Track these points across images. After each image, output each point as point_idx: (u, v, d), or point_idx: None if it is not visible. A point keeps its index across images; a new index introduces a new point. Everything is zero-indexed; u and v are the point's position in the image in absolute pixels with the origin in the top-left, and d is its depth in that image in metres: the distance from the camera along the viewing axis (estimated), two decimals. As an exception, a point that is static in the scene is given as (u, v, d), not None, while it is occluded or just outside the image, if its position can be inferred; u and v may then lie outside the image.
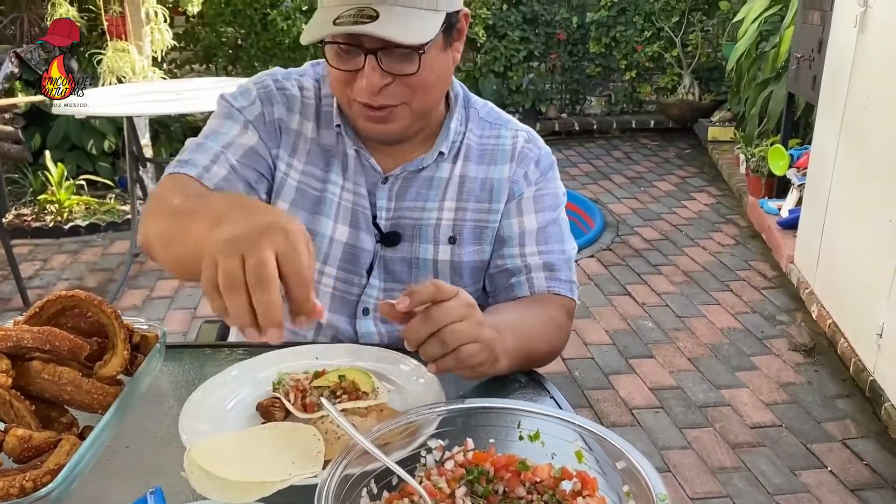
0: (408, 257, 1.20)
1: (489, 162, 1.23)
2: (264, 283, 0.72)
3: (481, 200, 1.21)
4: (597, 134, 6.69)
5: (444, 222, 1.20)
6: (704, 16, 6.46)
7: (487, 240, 1.22)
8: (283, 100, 1.20)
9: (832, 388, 2.80)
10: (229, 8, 5.61)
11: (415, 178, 1.20)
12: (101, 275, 3.84)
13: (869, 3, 2.84)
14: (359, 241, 1.20)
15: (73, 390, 0.89)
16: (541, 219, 1.22)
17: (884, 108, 2.71)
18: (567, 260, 1.22)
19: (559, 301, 1.19)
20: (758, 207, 4.34)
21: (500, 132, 1.25)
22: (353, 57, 1.04)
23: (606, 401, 2.76)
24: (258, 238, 0.74)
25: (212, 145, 1.15)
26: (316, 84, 1.23)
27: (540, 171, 1.24)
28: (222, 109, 1.21)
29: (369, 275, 1.21)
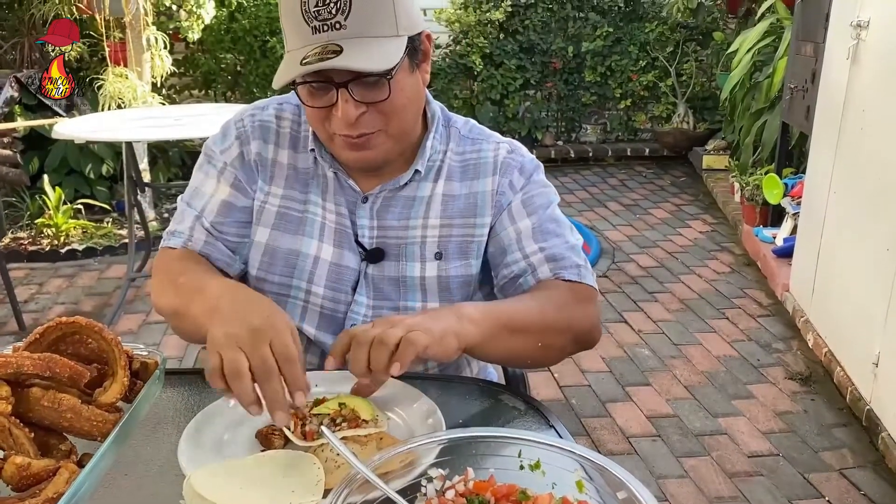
0: (395, 276, 1.22)
1: (472, 177, 1.25)
2: (269, 376, 0.87)
3: (466, 216, 1.23)
4: (592, 161, 6.74)
5: (430, 239, 1.22)
6: (699, 46, 6.54)
7: (473, 254, 1.24)
8: (260, 134, 1.25)
9: (829, 417, 2.80)
10: (229, 35, 5.67)
11: (395, 196, 1.23)
12: (98, 299, 3.83)
13: (861, 36, 2.88)
14: (343, 260, 1.22)
15: (73, 417, 0.89)
16: (534, 219, 1.23)
17: (877, 138, 2.74)
18: (571, 248, 1.23)
19: (565, 285, 1.18)
20: (753, 236, 4.37)
21: (482, 146, 1.27)
22: (325, 93, 1.08)
23: (603, 429, 2.75)
24: (256, 337, 0.89)
25: (190, 212, 1.25)
26: (296, 110, 1.27)
27: (525, 177, 1.25)
28: (203, 158, 1.28)
29: (355, 292, 1.23)
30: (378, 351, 0.91)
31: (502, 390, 1.11)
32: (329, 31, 1.03)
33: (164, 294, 1.18)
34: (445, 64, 6.37)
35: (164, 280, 1.20)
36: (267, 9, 5.67)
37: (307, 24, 1.03)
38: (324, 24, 1.02)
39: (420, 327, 0.93)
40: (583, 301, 1.18)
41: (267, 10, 5.67)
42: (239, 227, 1.25)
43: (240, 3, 5.60)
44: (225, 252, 1.24)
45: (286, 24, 1.08)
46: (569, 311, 1.15)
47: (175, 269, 1.19)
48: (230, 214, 1.24)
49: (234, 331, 0.90)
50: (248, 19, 5.63)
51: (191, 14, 4.78)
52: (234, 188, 1.25)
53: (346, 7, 1.02)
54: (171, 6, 4.73)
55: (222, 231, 1.24)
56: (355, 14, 1.02)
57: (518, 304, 1.14)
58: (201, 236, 1.23)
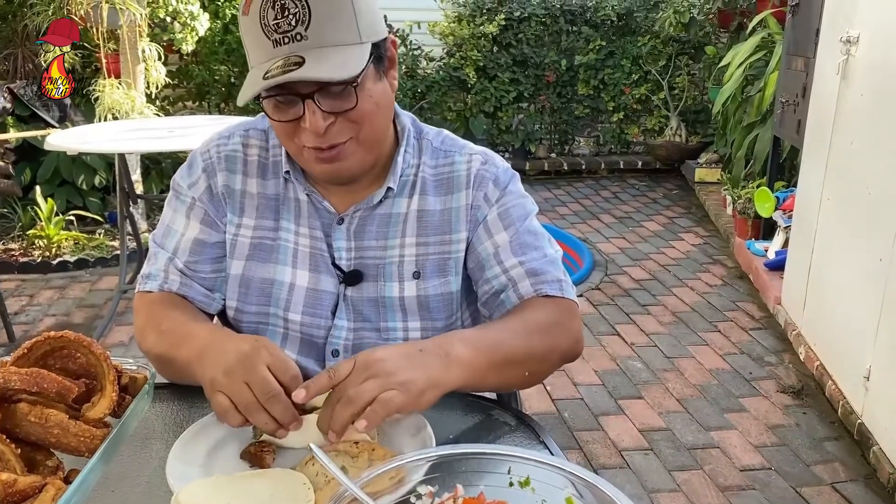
0: (374, 297, 1.20)
1: (446, 192, 1.22)
2: (274, 396, 0.90)
3: (441, 232, 1.21)
4: (585, 174, 6.76)
5: (407, 258, 1.20)
6: (691, 60, 6.58)
7: (451, 271, 1.21)
8: (226, 165, 1.23)
9: (821, 431, 2.80)
10: (223, 47, 5.67)
11: (371, 216, 1.20)
12: (89, 311, 3.82)
13: (851, 52, 2.91)
14: (320, 284, 1.20)
15: (60, 433, 0.88)
16: (511, 232, 1.20)
17: (867, 153, 2.76)
18: (551, 261, 1.20)
19: (548, 301, 1.17)
20: (745, 248, 4.38)
21: (455, 159, 1.24)
22: (291, 106, 1.05)
23: (595, 442, 2.74)
24: (250, 362, 0.92)
25: (163, 253, 1.24)
26: (262, 135, 1.25)
27: (500, 189, 1.22)
28: (172, 197, 1.26)
29: (335, 315, 1.21)
30: (343, 409, 0.89)
31: (493, 405, 1.11)
32: (290, 42, 1.00)
33: (146, 340, 1.17)
34: (439, 76, 6.39)
35: (147, 326, 1.18)
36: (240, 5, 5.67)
37: (268, 37, 1.01)
38: (284, 37, 1.00)
39: (399, 381, 0.91)
40: (566, 318, 1.17)
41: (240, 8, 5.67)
42: (213, 263, 1.23)
43: (234, 15, 5.61)
44: (201, 291, 1.23)
45: (248, 41, 1.06)
46: (555, 334, 1.13)
47: (156, 315, 1.18)
48: (203, 252, 1.23)
49: (230, 364, 0.93)
50: (242, 31, 5.65)
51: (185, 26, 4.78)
52: (205, 224, 1.23)
53: (306, 17, 1.00)
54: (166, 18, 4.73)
55: (196, 270, 1.22)
56: (315, 24, 1.00)
57: (506, 334, 1.09)
58: (176, 278, 1.22)
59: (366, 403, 0.88)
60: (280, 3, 1.00)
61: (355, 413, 0.88)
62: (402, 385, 0.91)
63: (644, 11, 6.58)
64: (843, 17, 3.05)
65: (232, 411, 0.91)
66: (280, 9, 1.00)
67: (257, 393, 0.90)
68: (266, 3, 1.01)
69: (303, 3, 1.00)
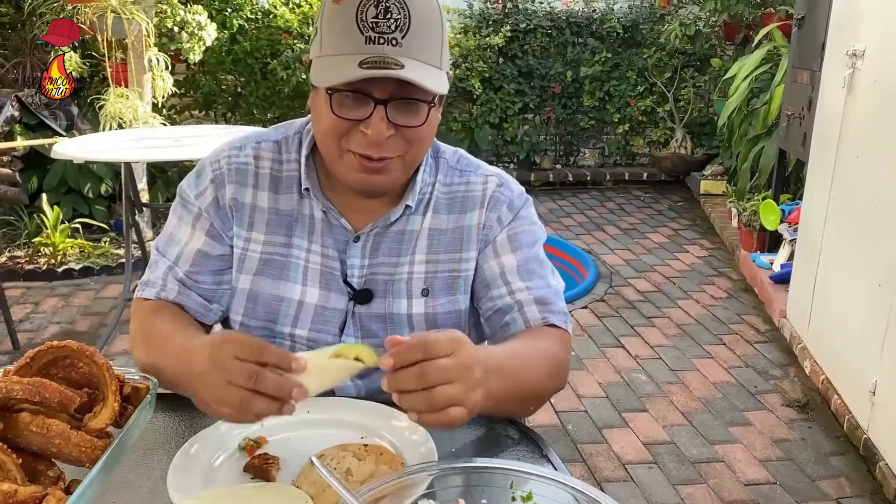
0: (382, 313, 1.19)
1: (459, 210, 1.22)
2: (258, 375, 0.85)
3: (452, 250, 1.21)
4: (590, 185, 6.76)
5: (416, 276, 1.20)
6: (696, 72, 6.59)
7: (461, 289, 1.22)
8: (236, 177, 1.21)
9: (826, 446, 2.79)
10: (230, 57, 5.70)
11: (385, 233, 1.20)
12: (93, 319, 3.82)
13: (857, 65, 2.90)
14: (329, 302, 1.19)
15: (62, 443, 0.88)
16: (519, 256, 1.21)
17: (872, 167, 2.75)
18: (556, 293, 1.22)
19: (555, 333, 1.17)
20: (750, 261, 4.37)
21: (470, 178, 1.24)
22: (359, 107, 1.04)
23: (599, 455, 2.73)
24: (217, 364, 0.88)
25: (164, 261, 1.22)
26: (275, 147, 1.23)
27: (513, 212, 1.23)
28: (178, 205, 1.24)
29: (342, 332, 1.20)
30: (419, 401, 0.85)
31: (496, 419, 1.10)
32: (385, 44, 1.01)
33: (136, 348, 1.17)
34: (445, 87, 6.39)
35: (138, 336, 1.18)
36: (268, 31, 5.71)
37: (361, 32, 1.01)
38: (380, 37, 1.01)
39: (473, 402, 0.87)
40: (566, 351, 1.19)
41: (268, 33, 5.71)
42: (215, 275, 1.22)
43: (241, 25, 5.65)
44: (199, 301, 1.21)
45: (330, 27, 1.05)
46: (562, 373, 1.15)
47: (147, 324, 1.18)
48: (205, 264, 1.21)
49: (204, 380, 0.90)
50: (249, 41, 5.67)
51: (193, 36, 4.81)
52: (210, 236, 1.21)
53: (405, 26, 1.02)
54: (174, 28, 4.76)
55: (197, 281, 1.21)
56: (412, 36, 1.02)
57: (530, 371, 1.07)
58: (174, 287, 1.21)
59: (444, 407, 0.85)
60: (385, 4, 1.01)
61: (430, 411, 0.85)
62: (473, 407, 0.88)
63: (650, 24, 6.59)
64: (849, 31, 3.05)
65: (240, 414, 0.88)
66: (383, 10, 1.01)
67: (242, 384, 0.86)
68: (369, 0, 1.02)
69: (405, 13, 1.02)
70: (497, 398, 0.96)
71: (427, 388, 0.84)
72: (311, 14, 5.78)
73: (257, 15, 5.71)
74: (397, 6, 1.01)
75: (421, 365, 0.85)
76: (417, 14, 1.02)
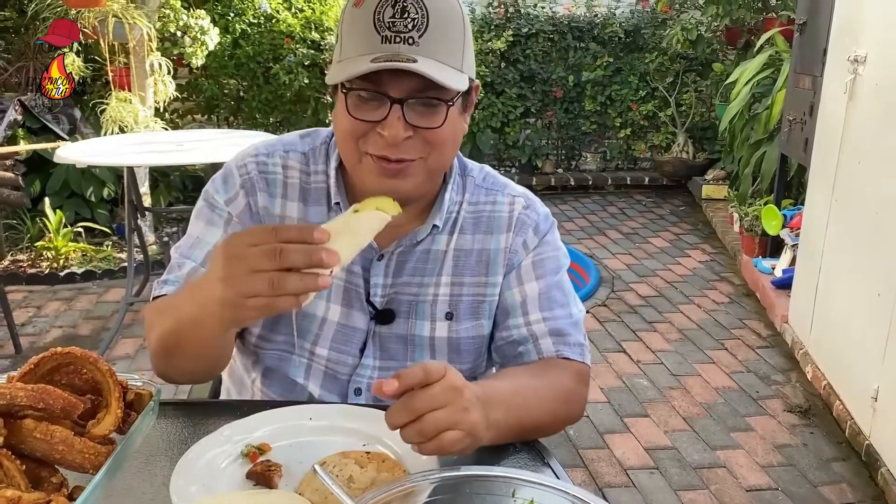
0: (403, 334, 1.17)
1: (485, 231, 1.20)
2: (282, 251, 0.80)
3: (477, 274, 1.19)
4: (592, 189, 6.76)
5: (441, 298, 1.18)
6: (698, 77, 6.59)
7: (485, 314, 1.20)
8: (265, 185, 1.17)
9: (828, 451, 2.78)
10: (233, 61, 5.71)
11: (411, 252, 1.17)
12: (95, 323, 3.83)
13: (858, 71, 2.91)
14: (350, 320, 1.17)
15: (65, 449, 0.88)
16: (542, 284, 1.19)
17: (875, 173, 2.75)
18: (574, 324, 1.19)
19: (568, 366, 1.16)
20: (752, 266, 4.37)
21: (497, 198, 1.22)
22: (375, 107, 1.02)
23: (601, 460, 2.73)
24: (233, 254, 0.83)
25: (189, 263, 1.15)
26: (303, 158, 1.19)
27: (539, 237, 1.21)
28: (205, 209, 1.18)
29: (362, 353, 1.18)
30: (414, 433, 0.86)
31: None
32: (401, 43, 0.99)
33: (152, 333, 1.10)
34: (447, 91, 6.40)
35: (153, 325, 1.11)
36: (270, 36, 5.72)
37: (378, 32, 1.00)
38: (396, 36, 0.99)
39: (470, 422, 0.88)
40: (582, 385, 1.17)
41: (270, 38, 5.72)
42: None
43: (244, 30, 5.66)
44: None
45: (351, 31, 1.03)
46: (572, 403, 1.14)
47: (158, 307, 1.12)
48: None
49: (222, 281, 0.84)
50: (251, 46, 5.68)
51: (195, 40, 4.81)
52: None
53: (423, 26, 1.00)
54: (176, 32, 4.77)
55: None
56: (430, 34, 1.00)
57: (534, 402, 1.06)
58: None
59: (436, 434, 0.86)
60: (402, 4, 1.00)
61: (423, 441, 0.86)
62: (471, 429, 0.89)
63: (651, 28, 6.60)
64: (851, 37, 3.06)
65: (276, 299, 0.82)
66: (400, 10, 1.00)
67: (268, 266, 0.80)
68: (386, 1, 1.00)
69: (423, 12, 1.00)
70: (501, 430, 0.97)
71: (417, 419, 0.85)
72: (314, 19, 5.79)
73: (260, 19, 5.72)
74: (415, 6, 1.00)
75: (408, 395, 0.86)
76: (436, 14, 1.01)
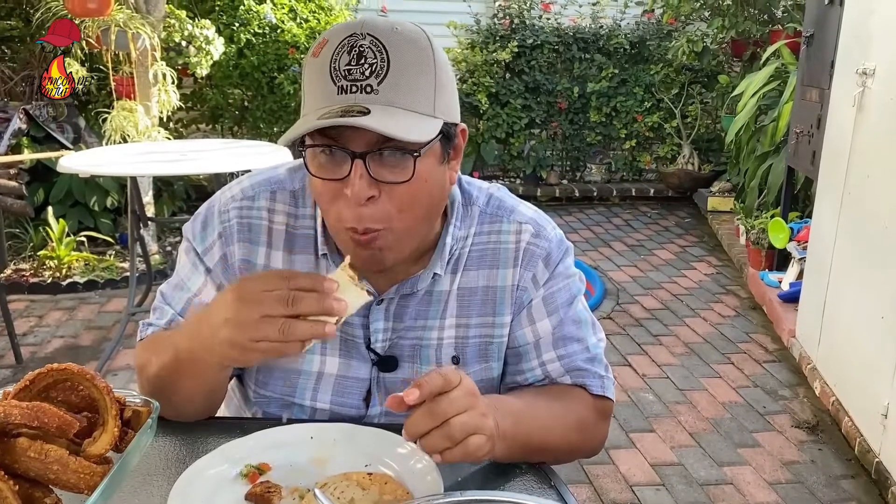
0: (409, 379, 1.09)
1: (490, 265, 1.11)
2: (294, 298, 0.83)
3: (484, 314, 1.11)
4: (597, 200, 6.74)
5: (446, 341, 1.11)
6: (704, 88, 6.58)
7: (494, 356, 1.13)
8: (248, 234, 1.10)
9: (837, 468, 2.74)
10: (237, 71, 5.72)
11: (413, 295, 1.10)
12: (97, 333, 3.80)
13: (867, 84, 2.89)
14: (351, 371, 1.11)
15: (60, 469, 0.86)
16: (555, 321, 1.12)
17: (884, 187, 2.73)
18: (591, 358, 1.13)
19: (588, 397, 1.12)
20: (758, 279, 4.34)
21: (501, 227, 1.12)
22: (338, 165, 0.93)
23: (606, 476, 2.69)
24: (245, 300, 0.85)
25: (168, 310, 1.13)
26: (291, 198, 1.11)
27: (549, 269, 1.12)
28: (187, 253, 1.14)
29: (368, 403, 1.12)
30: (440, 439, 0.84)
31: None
32: (358, 92, 0.89)
33: (145, 371, 1.07)
34: (451, 102, 6.40)
35: (146, 362, 1.08)
36: (275, 46, 5.73)
37: (333, 82, 0.90)
38: (352, 85, 0.89)
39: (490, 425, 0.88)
40: (602, 418, 1.13)
41: (275, 48, 5.73)
42: None
43: (249, 40, 5.66)
44: None
45: (309, 85, 0.95)
46: (589, 434, 1.11)
47: (153, 343, 1.10)
48: None
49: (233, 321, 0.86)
50: (256, 56, 5.69)
51: (200, 50, 4.82)
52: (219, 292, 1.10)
53: (382, 71, 0.90)
54: (181, 42, 4.77)
55: None
56: (391, 80, 0.90)
57: (550, 422, 1.03)
58: None
59: (464, 437, 0.85)
60: (358, 49, 0.90)
61: (451, 446, 0.84)
62: (491, 434, 0.88)
63: (657, 40, 6.60)
64: (859, 50, 3.04)
65: (282, 344, 0.84)
66: (357, 55, 0.90)
67: (280, 312, 0.83)
68: (342, 46, 0.91)
69: (383, 56, 0.90)
70: (509, 441, 0.94)
71: (443, 423, 0.83)
72: (319, 29, 5.80)
73: (265, 29, 5.73)
74: (373, 50, 0.90)
75: (429, 402, 0.84)
76: (399, 56, 0.91)
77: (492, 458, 0.94)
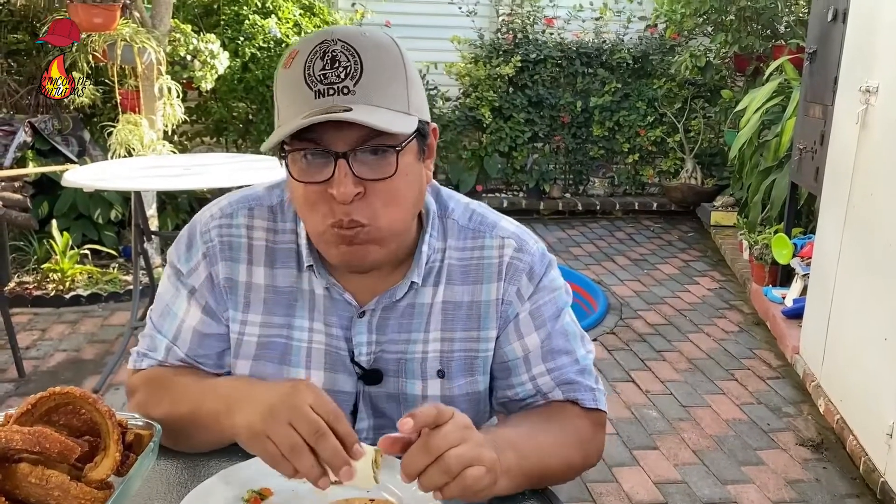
0: (394, 393, 1.12)
1: (474, 280, 1.11)
2: (323, 435, 0.84)
3: (469, 328, 1.11)
4: (600, 214, 6.74)
5: (431, 355, 1.11)
6: (707, 103, 6.59)
7: (479, 370, 1.13)
8: (229, 254, 1.11)
9: (841, 487, 2.73)
10: (242, 84, 5.73)
11: (394, 307, 1.10)
12: (100, 346, 3.80)
13: (870, 101, 2.89)
14: (336, 385, 1.11)
15: (61, 495, 0.86)
16: (543, 334, 1.12)
17: (888, 205, 2.72)
18: (581, 370, 1.13)
19: (582, 411, 1.12)
20: (762, 295, 4.32)
21: (484, 242, 1.12)
22: (320, 167, 0.94)
23: (609, 494, 2.68)
24: (292, 401, 0.86)
25: (161, 339, 1.14)
26: (270, 214, 1.12)
27: (534, 283, 1.12)
28: (172, 275, 1.15)
29: (355, 416, 1.12)
30: (438, 475, 0.84)
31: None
32: (336, 94, 0.92)
33: (154, 411, 1.05)
34: (455, 116, 6.42)
35: (151, 398, 1.09)
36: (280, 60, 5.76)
37: (310, 87, 0.93)
38: (330, 88, 0.92)
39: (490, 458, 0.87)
40: (598, 431, 1.14)
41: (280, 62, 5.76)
42: (217, 350, 1.14)
43: (253, 54, 5.68)
44: (210, 366, 1.15)
45: (284, 94, 0.97)
46: (587, 449, 1.11)
47: (162, 381, 1.10)
48: (204, 343, 1.13)
49: (271, 403, 0.88)
50: (261, 70, 5.71)
51: (205, 64, 4.84)
52: (206, 314, 1.12)
53: (357, 73, 0.93)
54: (186, 56, 4.79)
55: (201, 361, 1.14)
56: (366, 80, 0.93)
57: (550, 449, 1.03)
58: (176, 362, 1.14)
59: (460, 470, 0.84)
60: (331, 54, 0.93)
61: (448, 480, 0.84)
62: (492, 465, 0.87)
63: (660, 55, 6.61)
64: (862, 67, 3.04)
65: (282, 458, 0.85)
66: (330, 60, 0.93)
67: (304, 434, 0.84)
68: (315, 53, 0.94)
69: (356, 59, 0.93)
70: (514, 475, 0.94)
71: (438, 458, 0.83)
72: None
73: (269, 44, 5.75)
74: (345, 53, 0.93)
75: (424, 437, 0.84)
76: (370, 58, 0.94)
77: (497, 493, 0.92)
